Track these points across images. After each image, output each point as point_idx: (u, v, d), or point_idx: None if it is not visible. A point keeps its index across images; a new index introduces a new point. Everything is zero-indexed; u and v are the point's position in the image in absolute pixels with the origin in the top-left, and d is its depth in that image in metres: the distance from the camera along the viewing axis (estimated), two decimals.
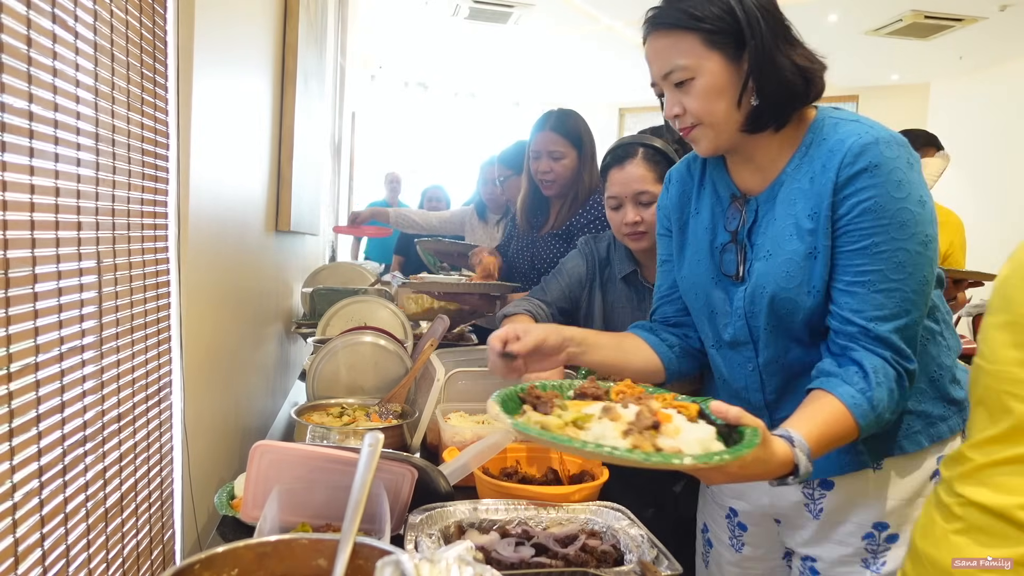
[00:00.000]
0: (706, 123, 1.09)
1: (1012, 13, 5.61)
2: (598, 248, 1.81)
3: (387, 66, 8.48)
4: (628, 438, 0.80)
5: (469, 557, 0.68)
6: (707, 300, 1.20)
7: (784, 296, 1.08)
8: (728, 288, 1.18)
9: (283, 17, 2.09)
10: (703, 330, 1.26)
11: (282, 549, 0.74)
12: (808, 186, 1.06)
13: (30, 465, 0.68)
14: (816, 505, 1.18)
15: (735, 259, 1.16)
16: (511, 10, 6.21)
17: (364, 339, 1.79)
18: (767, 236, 1.11)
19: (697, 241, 1.23)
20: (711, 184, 1.23)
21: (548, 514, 1.12)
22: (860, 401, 0.98)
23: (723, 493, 1.33)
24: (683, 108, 1.09)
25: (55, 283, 0.72)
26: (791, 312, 1.08)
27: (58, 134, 0.72)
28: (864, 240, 1.01)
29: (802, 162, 1.09)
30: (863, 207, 1.00)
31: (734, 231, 1.16)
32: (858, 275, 1.02)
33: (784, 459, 0.89)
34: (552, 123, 2.09)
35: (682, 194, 1.28)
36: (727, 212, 1.19)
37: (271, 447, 1.04)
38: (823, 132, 1.08)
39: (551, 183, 2.10)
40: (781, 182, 1.11)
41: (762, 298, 1.10)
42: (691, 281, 1.24)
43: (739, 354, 1.18)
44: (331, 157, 4.25)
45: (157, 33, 1.00)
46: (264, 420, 1.97)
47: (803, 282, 1.06)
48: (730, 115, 1.08)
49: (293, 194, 2.14)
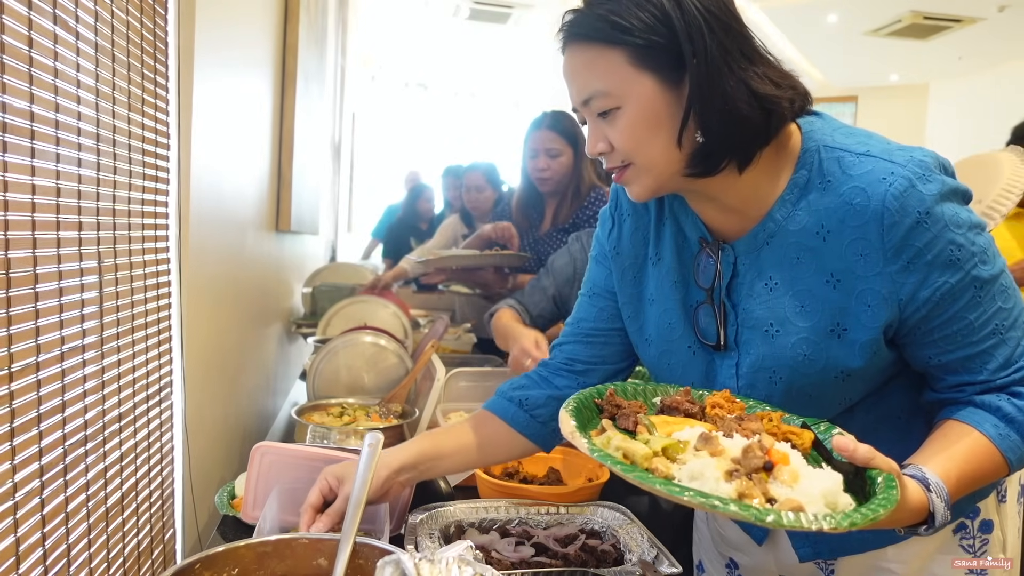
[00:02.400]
0: (638, 164, 0.86)
1: (1011, 14, 5.62)
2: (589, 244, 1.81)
3: (387, 66, 8.49)
4: (733, 482, 0.65)
5: (469, 557, 0.68)
6: (687, 372, 0.97)
7: (805, 383, 0.87)
8: (712, 358, 0.95)
9: (283, 17, 2.09)
10: None
11: (282, 549, 0.74)
12: (820, 244, 0.85)
13: (31, 465, 0.68)
14: (828, 566, 1.02)
15: (714, 323, 0.93)
16: (511, 10, 6.21)
17: (364, 339, 1.79)
18: (760, 303, 0.90)
19: (665, 298, 0.98)
20: (673, 220, 0.98)
21: (548, 514, 1.12)
22: (1005, 431, 0.81)
23: (723, 541, 1.15)
24: (608, 144, 0.86)
25: (56, 283, 0.72)
26: (810, 398, 0.88)
27: (59, 134, 0.72)
28: (966, 293, 0.82)
29: (796, 209, 0.86)
30: (941, 263, 0.81)
31: (709, 288, 0.93)
32: (982, 327, 0.83)
33: (917, 507, 0.73)
34: (549, 122, 2.17)
35: (635, 231, 1.02)
36: (698, 261, 0.95)
37: (271, 448, 1.05)
38: (825, 172, 0.85)
39: (547, 180, 2.17)
40: (770, 232, 0.88)
41: (769, 381, 0.90)
42: (663, 348, 0.99)
43: None
44: (331, 157, 4.25)
45: (158, 34, 1.01)
46: (264, 420, 1.97)
47: (827, 367, 0.86)
48: (669, 154, 0.84)
49: (293, 194, 2.15)
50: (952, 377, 0.87)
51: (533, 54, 7.69)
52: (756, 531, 1.07)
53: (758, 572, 1.10)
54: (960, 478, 0.78)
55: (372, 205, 7.49)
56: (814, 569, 1.03)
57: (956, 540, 0.98)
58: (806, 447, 0.73)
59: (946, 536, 0.97)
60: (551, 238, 2.23)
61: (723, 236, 0.93)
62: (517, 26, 6.68)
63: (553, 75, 3.75)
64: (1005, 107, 6.96)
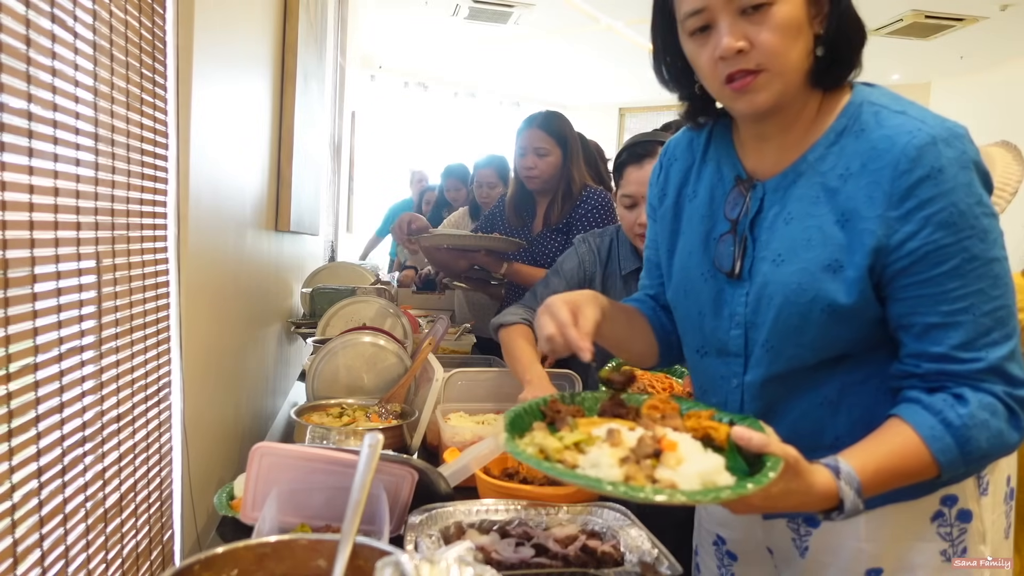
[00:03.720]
0: (774, 69, 0.87)
1: (1013, 13, 5.62)
2: (599, 246, 1.79)
3: (387, 66, 8.49)
4: (624, 467, 0.73)
5: (469, 557, 0.68)
6: (697, 299, 1.04)
7: (792, 311, 0.92)
8: (723, 287, 1.00)
9: (283, 17, 2.09)
10: (687, 333, 1.10)
11: (282, 550, 0.74)
12: (839, 185, 0.90)
13: (29, 465, 0.67)
14: (802, 542, 1.05)
15: (732, 252, 0.98)
16: (511, 10, 6.21)
17: (363, 339, 1.79)
18: (776, 235, 0.95)
19: (692, 230, 1.05)
20: (715, 162, 1.05)
21: (548, 514, 1.11)
22: (940, 434, 0.83)
23: (711, 519, 1.19)
24: (750, 43, 0.86)
25: (54, 283, 0.72)
26: (797, 330, 0.92)
27: (57, 134, 0.72)
28: (951, 260, 0.84)
29: (829, 152, 0.92)
30: (937, 221, 0.83)
31: (734, 220, 0.99)
32: (957, 300, 0.84)
33: (826, 491, 0.78)
34: (539, 122, 2.23)
35: (680, 172, 1.10)
36: (728, 197, 1.01)
37: (271, 449, 1.04)
38: (861, 120, 0.90)
39: (534, 179, 2.22)
40: (799, 171, 0.94)
41: (768, 308, 0.94)
42: (681, 276, 1.07)
43: (725, 366, 1.02)
44: (331, 157, 4.25)
45: (156, 33, 1.00)
46: (264, 420, 1.97)
47: (816, 298, 0.90)
48: (802, 62, 0.88)
49: (293, 194, 2.14)
50: (913, 343, 0.88)
51: (533, 54, 7.69)
52: None
53: (743, 545, 1.15)
54: (878, 471, 0.81)
55: (372, 205, 7.49)
56: (790, 545, 1.06)
57: (934, 528, 0.98)
58: (723, 440, 0.79)
59: (923, 523, 0.98)
60: (545, 238, 2.25)
61: (756, 175, 0.99)
62: (517, 26, 6.68)
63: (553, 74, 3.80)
64: (1007, 106, 6.96)
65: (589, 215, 2.18)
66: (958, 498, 0.98)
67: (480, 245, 2.21)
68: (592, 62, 7.89)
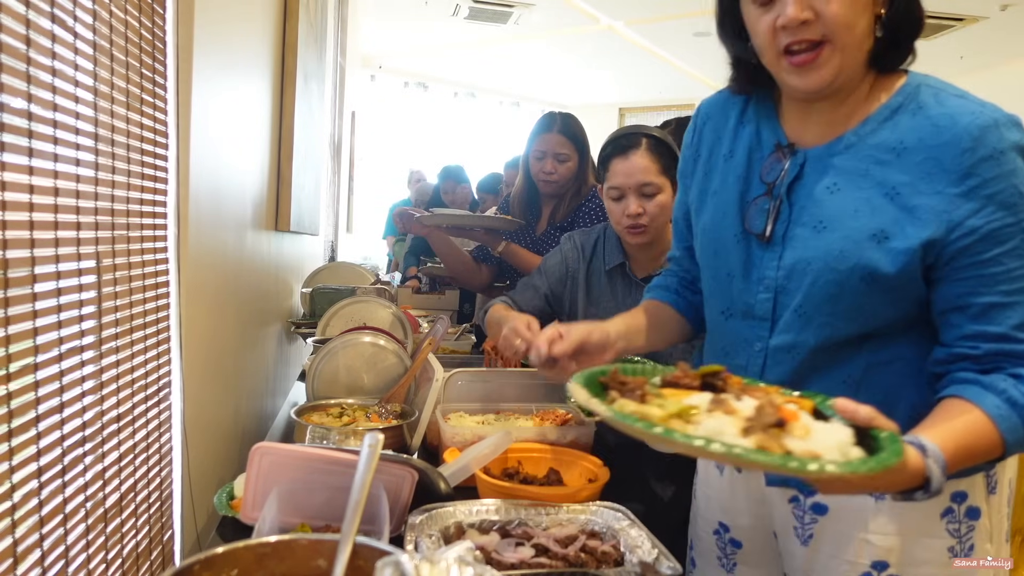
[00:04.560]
0: (837, 42, 0.87)
1: (1013, 13, 5.61)
2: (583, 243, 1.81)
3: (387, 66, 8.49)
4: (750, 437, 0.66)
5: (469, 557, 0.68)
6: (726, 260, 1.03)
7: (831, 278, 0.91)
8: (753, 249, 1.00)
9: (283, 17, 2.09)
10: (713, 294, 1.09)
11: (282, 550, 0.74)
12: (892, 159, 0.90)
13: (29, 465, 0.67)
14: (805, 530, 1.04)
15: (765, 215, 0.98)
16: (511, 10, 6.21)
17: (363, 339, 1.79)
18: (818, 202, 0.94)
19: (726, 190, 1.05)
20: (754, 125, 1.04)
21: (548, 515, 1.11)
22: (1007, 412, 0.82)
23: (710, 507, 1.18)
24: (815, 13, 0.86)
25: (54, 283, 0.72)
26: (832, 297, 0.92)
27: (57, 134, 0.72)
28: (1012, 239, 0.84)
29: (882, 127, 0.92)
30: (999, 200, 0.84)
31: (771, 183, 0.99)
32: (1017, 280, 0.85)
33: (916, 471, 0.75)
34: (559, 126, 2.22)
35: (714, 131, 1.09)
36: (766, 161, 1.01)
37: (271, 449, 1.04)
38: (919, 99, 0.91)
39: (553, 183, 2.23)
40: (848, 143, 0.94)
41: (804, 274, 0.94)
42: (710, 236, 1.06)
43: (750, 329, 1.02)
44: (331, 157, 4.25)
45: (156, 33, 1.00)
46: (264, 420, 1.97)
47: (856, 265, 0.89)
48: (865, 39, 0.89)
49: (293, 194, 2.14)
50: (970, 325, 0.88)
51: (533, 54, 7.69)
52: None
53: (748, 531, 1.13)
54: (956, 450, 0.78)
55: (372, 205, 7.49)
56: (791, 532, 1.05)
57: (943, 524, 0.97)
58: (809, 413, 0.73)
59: (932, 518, 0.97)
60: (549, 237, 2.27)
61: (798, 143, 0.99)
62: (517, 26, 6.68)
63: (553, 74, 3.80)
64: (1008, 106, 6.92)
65: (592, 214, 2.21)
66: (967, 495, 0.97)
67: (477, 224, 2.28)
68: (592, 62, 7.89)
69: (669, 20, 6.23)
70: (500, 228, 2.27)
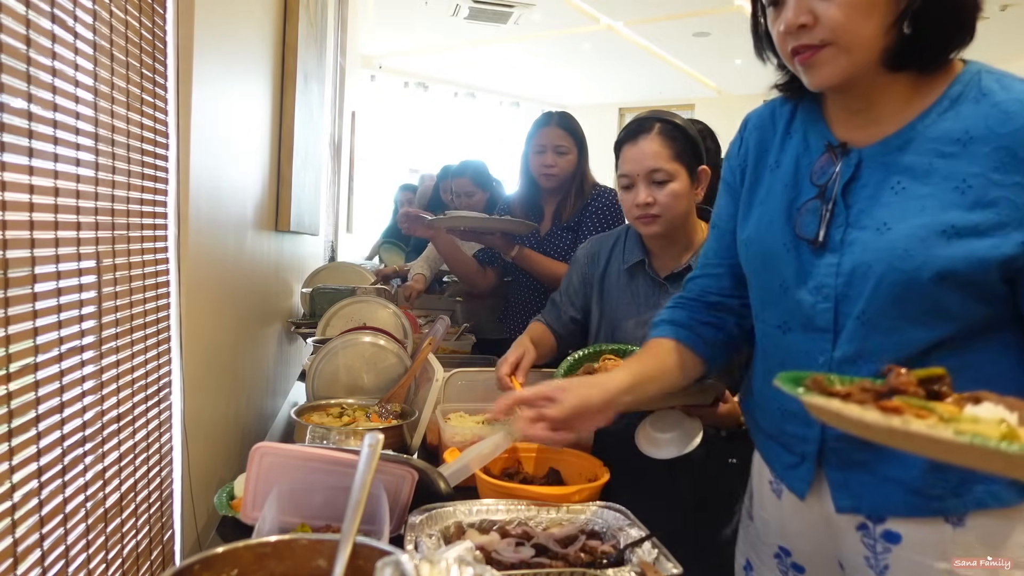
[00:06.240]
0: (841, 44, 0.85)
1: (1013, 13, 5.62)
2: (598, 249, 1.74)
3: (387, 66, 8.49)
4: None
5: (469, 557, 0.68)
6: (778, 271, 0.98)
7: (896, 279, 0.86)
8: (806, 257, 0.95)
9: (283, 17, 2.09)
10: (766, 308, 1.02)
11: (282, 549, 0.74)
12: (958, 150, 0.85)
13: (29, 465, 0.67)
14: (879, 561, 0.95)
15: (817, 219, 0.93)
16: (511, 10, 6.22)
17: (363, 339, 1.79)
18: (880, 203, 0.89)
19: (772, 198, 1.01)
20: (801, 133, 1.01)
21: (548, 514, 1.11)
22: None
23: (770, 531, 1.10)
24: (814, 17, 0.84)
25: (54, 283, 0.72)
26: (899, 300, 0.86)
27: (57, 134, 0.72)
28: None
29: (942, 118, 0.87)
30: None
31: (823, 185, 0.94)
32: None
33: None
34: (558, 120, 2.27)
35: (760, 143, 1.06)
36: (816, 164, 0.96)
37: (271, 449, 1.04)
38: (981, 86, 0.86)
39: (553, 176, 2.24)
40: (907, 138, 0.89)
41: (865, 279, 0.88)
42: (757, 246, 1.02)
43: (811, 342, 0.95)
44: (331, 157, 4.25)
45: (156, 33, 1.00)
46: (264, 420, 1.97)
47: (925, 264, 0.84)
48: (875, 40, 0.84)
49: (293, 194, 2.14)
50: None
51: (533, 54, 7.69)
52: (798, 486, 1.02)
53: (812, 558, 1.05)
54: None
55: (372, 205, 7.48)
56: (862, 562, 0.97)
57: None
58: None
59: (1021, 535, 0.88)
60: (554, 236, 2.27)
61: (850, 143, 0.94)
62: (517, 26, 6.68)
63: (553, 74, 3.80)
64: None
65: (599, 213, 2.21)
66: None
67: (496, 227, 2.24)
68: (592, 62, 7.89)
69: (669, 20, 6.23)
70: (517, 232, 2.24)
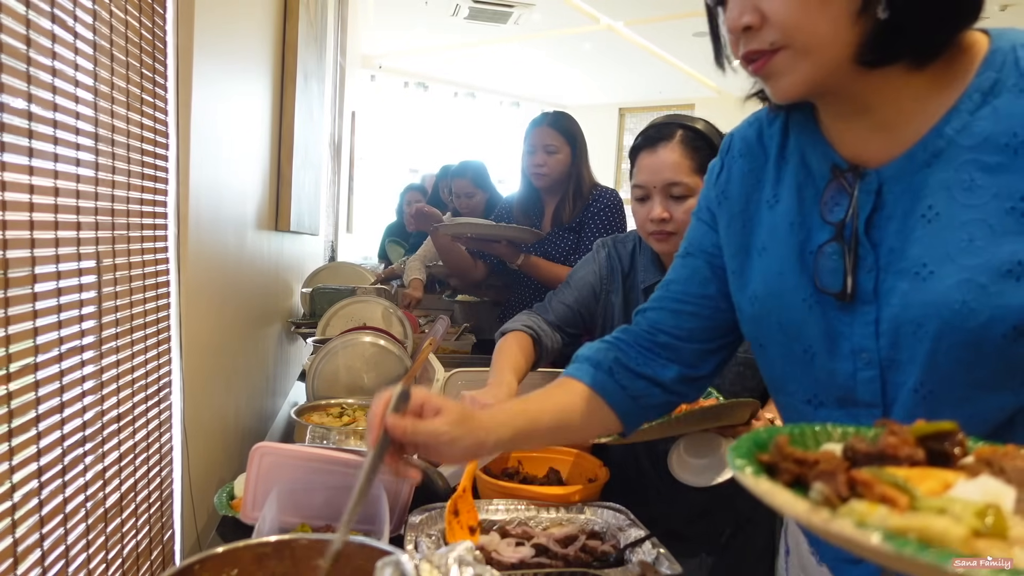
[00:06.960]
0: (796, 45, 0.67)
1: (1012, 13, 5.62)
2: (619, 252, 1.60)
3: (387, 66, 8.49)
4: None
5: (469, 557, 0.68)
6: (800, 334, 0.78)
7: (958, 340, 0.66)
8: (833, 315, 0.75)
9: (283, 17, 2.09)
10: (789, 380, 0.82)
11: (282, 549, 0.74)
12: (1008, 160, 0.65)
13: (29, 465, 0.67)
14: None
15: (840, 266, 0.74)
16: (511, 10, 6.21)
17: (363, 339, 1.79)
18: (913, 237, 0.70)
19: (777, 244, 0.80)
20: (797, 156, 0.80)
21: (548, 514, 1.11)
22: None
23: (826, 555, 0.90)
24: (760, 16, 0.67)
25: (54, 283, 0.72)
26: (968, 366, 0.67)
27: (57, 134, 0.72)
28: None
29: (975, 119, 0.67)
30: None
31: (838, 223, 0.74)
32: None
33: None
34: (548, 120, 2.27)
35: (748, 173, 0.86)
36: (825, 194, 0.76)
37: (271, 449, 1.04)
38: (1022, 70, 0.67)
39: (543, 176, 2.24)
40: (934, 151, 0.69)
41: (916, 340, 0.69)
42: (768, 306, 0.81)
43: (853, 419, 0.75)
44: (331, 157, 4.25)
45: (156, 33, 1.00)
46: (264, 420, 1.97)
47: (993, 318, 0.64)
48: (839, 33, 0.66)
49: (293, 194, 2.14)
50: None
51: (533, 54, 7.69)
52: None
53: None
54: None
55: (372, 205, 7.49)
56: None
57: None
58: None
59: None
60: (555, 237, 2.27)
61: (862, 162, 0.74)
62: (517, 26, 6.68)
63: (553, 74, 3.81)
64: None
65: (600, 214, 2.20)
66: None
67: (502, 234, 2.22)
68: (592, 62, 7.89)
69: (669, 20, 6.23)
70: (524, 239, 2.21)
